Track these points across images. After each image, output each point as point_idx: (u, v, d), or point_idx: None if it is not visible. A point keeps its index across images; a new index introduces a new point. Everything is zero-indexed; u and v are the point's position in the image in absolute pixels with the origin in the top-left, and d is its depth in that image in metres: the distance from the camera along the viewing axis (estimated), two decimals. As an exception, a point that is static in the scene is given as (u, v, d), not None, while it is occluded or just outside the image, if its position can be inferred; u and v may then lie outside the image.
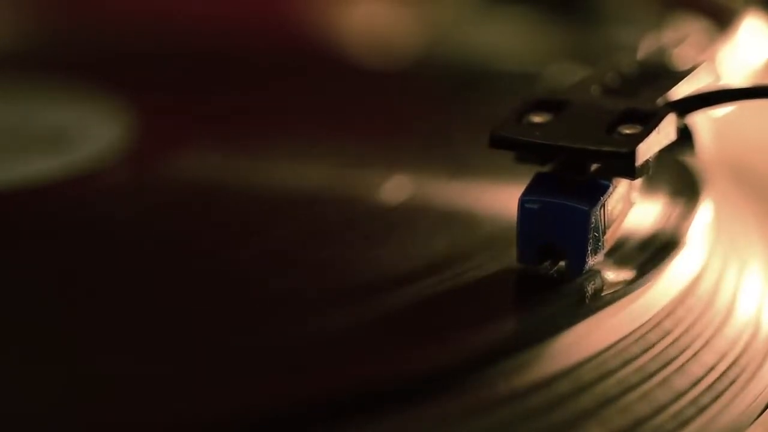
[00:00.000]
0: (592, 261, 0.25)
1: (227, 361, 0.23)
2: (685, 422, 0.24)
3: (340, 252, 0.28)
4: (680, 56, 0.31)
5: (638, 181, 0.27)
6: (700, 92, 0.28)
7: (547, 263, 0.26)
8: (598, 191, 0.26)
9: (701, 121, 0.30)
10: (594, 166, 0.26)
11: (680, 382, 0.25)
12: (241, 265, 0.28)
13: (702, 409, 0.24)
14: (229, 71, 0.43)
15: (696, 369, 0.25)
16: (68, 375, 0.23)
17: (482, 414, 0.22)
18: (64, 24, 0.48)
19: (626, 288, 0.26)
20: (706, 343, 0.26)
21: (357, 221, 0.30)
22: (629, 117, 0.26)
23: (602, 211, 0.25)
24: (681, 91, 0.28)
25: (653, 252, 0.27)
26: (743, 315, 0.27)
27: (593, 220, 0.25)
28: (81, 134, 0.36)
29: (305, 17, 0.50)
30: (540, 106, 0.27)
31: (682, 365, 0.25)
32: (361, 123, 0.38)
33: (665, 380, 0.25)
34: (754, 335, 0.27)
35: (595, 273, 0.26)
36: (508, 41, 0.46)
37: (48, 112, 0.38)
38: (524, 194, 0.26)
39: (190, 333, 0.25)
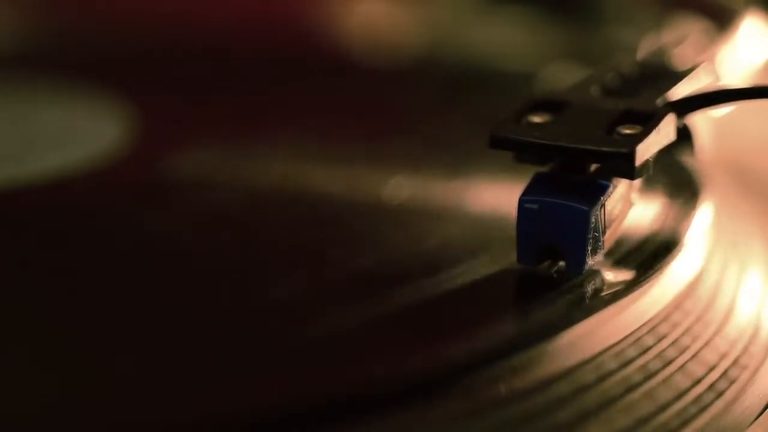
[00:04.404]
0: (592, 261, 0.25)
1: (227, 361, 0.23)
2: (685, 423, 0.24)
3: (339, 252, 0.28)
4: (680, 57, 0.31)
5: (638, 182, 0.27)
6: (700, 92, 0.28)
7: (546, 263, 0.26)
8: (597, 191, 0.25)
9: (701, 121, 0.30)
10: (593, 166, 0.26)
11: (680, 383, 0.25)
12: (241, 264, 0.28)
13: (702, 410, 0.24)
14: (230, 71, 0.43)
15: (696, 370, 0.25)
16: (68, 375, 0.23)
17: (482, 415, 0.22)
18: (64, 24, 0.49)
19: (626, 288, 0.26)
20: (706, 343, 0.26)
21: (356, 221, 0.30)
22: (629, 117, 0.26)
23: (602, 211, 0.25)
24: (680, 91, 0.28)
25: (653, 252, 0.27)
26: (743, 315, 0.27)
27: (593, 220, 0.25)
28: (81, 134, 0.36)
29: (306, 17, 0.50)
30: (539, 107, 0.27)
31: (682, 366, 0.25)
32: (361, 123, 0.38)
33: (665, 381, 0.25)
34: (754, 336, 0.27)
35: (595, 273, 0.26)
36: (508, 41, 0.46)
37: (48, 112, 0.39)
38: (524, 194, 0.26)
39: (190, 333, 0.25)
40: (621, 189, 0.26)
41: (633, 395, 0.24)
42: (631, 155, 0.25)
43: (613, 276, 0.26)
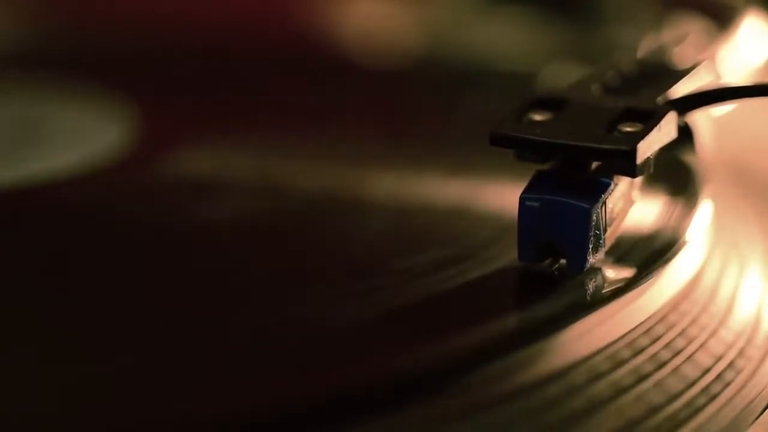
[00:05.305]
0: (593, 259, 0.25)
1: (227, 361, 0.23)
2: (685, 421, 0.24)
3: (339, 251, 0.28)
4: (680, 55, 0.31)
5: (639, 179, 0.27)
6: (701, 91, 0.28)
7: (547, 261, 0.26)
8: (598, 189, 0.25)
9: (701, 119, 0.30)
10: (594, 164, 0.26)
11: (680, 381, 0.25)
12: (241, 264, 0.28)
13: (701, 408, 0.24)
14: (230, 71, 0.43)
15: (696, 368, 0.25)
16: (68, 375, 0.23)
17: (483, 412, 0.22)
18: (64, 24, 0.49)
19: (627, 286, 0.26)
20: (706, 341, 0.26)
21: (357, 220, 0.30)
22: (630, 115, 0.26)
23: (603, 209, 0.25)
24: (681, 89, 0.28)
25: (654, 250, 0.27)
26: (743, 314, 0.27)
27: (594, 218, 0.25)
28: (81, 134, 0.36)
29: (306, 17, 0.50)
30: (540, 105, 0.27)
31: (682, 363, 0.25)
32: (361, 123, 0.38)
33: (664, 379, 0.25)
34: (754, 334, 0.27)
35: (596, 271, 0.26)
36: (508, 41, 0.46)
37: (48, 112, 0.39)
38: (525, 192, 0.26)
39: (190, 333, 0.25)
40: (622, 187, 0.26)
41: (632, 394, 0.24)
42: (633, 152, 0.25)
43: (614, 274, 0.26)
